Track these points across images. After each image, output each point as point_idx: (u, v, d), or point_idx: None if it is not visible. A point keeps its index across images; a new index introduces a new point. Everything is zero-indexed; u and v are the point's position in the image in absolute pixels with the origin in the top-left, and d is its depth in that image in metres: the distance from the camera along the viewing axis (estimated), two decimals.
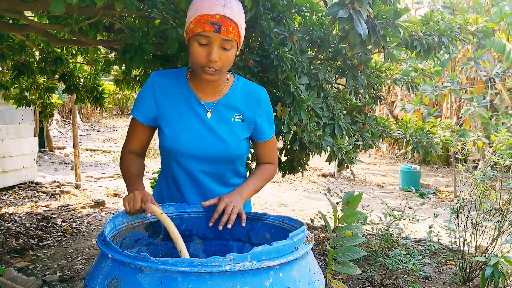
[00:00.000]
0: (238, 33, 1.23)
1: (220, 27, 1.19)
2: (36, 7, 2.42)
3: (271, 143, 1.51)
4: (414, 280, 3.29)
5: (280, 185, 8.15)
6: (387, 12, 2.07)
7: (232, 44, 1.24)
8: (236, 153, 1.39)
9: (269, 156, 1.52)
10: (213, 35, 1.20)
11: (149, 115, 1.38)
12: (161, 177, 1.50)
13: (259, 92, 1.42)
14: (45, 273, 3.31)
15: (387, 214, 3.35)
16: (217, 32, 1.19)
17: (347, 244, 1.50)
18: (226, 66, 1.28)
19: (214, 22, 1.18)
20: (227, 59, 1.26)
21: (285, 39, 2.46)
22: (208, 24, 1.18)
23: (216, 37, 1.21)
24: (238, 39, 1.25)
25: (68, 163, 9.73)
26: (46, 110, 5.82)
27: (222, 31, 1.19)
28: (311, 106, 2.46)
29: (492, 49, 8.57)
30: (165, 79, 1.39)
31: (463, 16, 3.25)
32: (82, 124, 17.44)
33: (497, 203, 3.32)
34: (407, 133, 3.33)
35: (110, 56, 3.91)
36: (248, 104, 1.40)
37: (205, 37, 1.21)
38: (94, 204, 5.69)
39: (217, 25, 1.19)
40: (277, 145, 1.53)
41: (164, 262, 0.88)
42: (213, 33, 1.19)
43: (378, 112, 11.18)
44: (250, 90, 1.42)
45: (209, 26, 1.19)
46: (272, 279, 0.92)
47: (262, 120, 1.43)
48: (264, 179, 1.48)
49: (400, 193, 7.71)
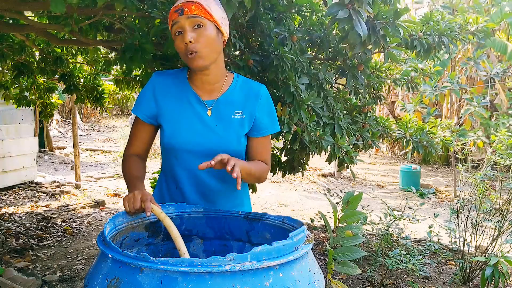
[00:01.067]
0: (203, 10, 1.27)
1: (182, 9, 1.26)
2: (36, 7, 2.42)
3: (267, 142, 1.49)
4: (414, 280, 3.29)
5: (280, 185, 8.15)
6: (387, 12, 2.07)
7: (201, 21, 1.27)
8: (236, 149, 1.40)
9: (263, 155, 1.47)
10: (179, 19, 1.27)
11: (149, 113, 1.40)
12: (161, 176, 1.51)
13: (257, 87, 1.44)
14: (45, 273, 3.31)
15: (387, 214, 3.35)
16: (181, 14, 1.26)
17: (347, 244, 1.50)
18: (206, 47, 1.28)
19: (177, 9, 1.27)
20: (203, 38, 1.28)
21: (285, 39, 2.46)
22: (173, 13, 1.28)
23: (182, 20, 1.27)
24: (207, 17, 1.28)
25: (68, 163, 9.73)
26: (46, 110, 5.81)
27: (185, 11, 1.26)
28: (311, 105, 2.46)
29: (493, 49, 8.57)
30: (166, 78, 1.42)
31: (463, 16, 3.25)
32: (82, 124, 17.45)
33: (497, 203, 3.32)
34: (407, 133, 3.33)
35: (110, 56, 3.91)
36: (248, 100, 1.41)
37: (175, 24, 1.28)
38: (94, 204, 5.69)
39: (180, 10, 1.27)
40: (277, 145, 1.52)
41: (164, 262, 0.88)
42: (178, 16, 1.27)
43: (378, 112, 11.17)
44: (249, 87, 1.44)
45: (174, 14, 1.28)
46: (272, 279, 0.92)
47: (261, 115, 1.42)
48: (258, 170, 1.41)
49: (400, 193, 7.71)
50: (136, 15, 2.54)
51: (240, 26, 2.40)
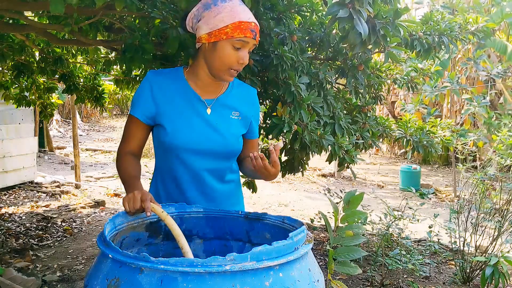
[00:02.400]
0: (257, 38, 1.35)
1: (256, 34, 1.32)
2: (36, 7, 2.42)
3: (257, 142, 1.59)
4: (414, 280, 3.28)
5: (280, 185, 8.15)
6: (387, 12, 2.07)
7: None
8: (236, 148, 1.44)
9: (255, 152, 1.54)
10: (251, 41, 1.32)
11: (149, 113, 1.39)
12: (156, 176, 1.49)
13: (252, 91, 1.53)
14: (45, 273, 3.31)
15: (387, 214, 3.35)
16: (254, 38, 1.32)
17: (347, 244, 1.50)
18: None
19: (252, 29, 1.31)
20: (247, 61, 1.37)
21: (285, 39, 2.46)
22: (249, 31, 1.30)
23: (252, 43, 1.33)
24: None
25: (68, 163, 9.73)
26: (46, 110, 5.81)
27: (257, 37, 1.33)
28: (312, 105, 2.46)
29: (493, 49, 8.57)
30: (162, 77, 1.41)
31: (463, 16, 3.25)
32: (82, 124, 17.44)
33: (497, 203, 3.32)
34: (407, 132, 3.33)
35: (110, 56, 3.91)
36: (244, 103, 1.48)
37: (243, 42, 1.30)
38: (94, 204, 5.68)
39: (254, 32, 1.31)
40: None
41: (164, 262, 0.88)
42: (252, 39, 1.31)
43: (378, 112, 11.17)
44: (244, 90, 1.51)
45: (250, 32, 1.30)
46: (272, 279, 0.92)
47: (255, 118, 1.52)
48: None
49: (400, 193, 7.71)
50: (136, 15, 2.54)
51: None
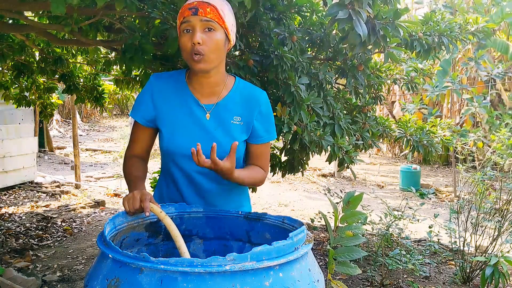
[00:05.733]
0: (218, 15, 1.26)
1: (197, 9, 1.24)
2: (36, 7, 2.42)
3: (266, 148, 1.47)
4: (414, 280, 3.29)
5: (280, 185, 8.15)
6: (387, 13, 2.07)
7: (213, 25, 1.26)
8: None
9: (260, 160, 1.46)
10: (192, 18, 1.25)
11: (148, 117, 1.39)
12: (161, 177, 1.51)
13: (258, 94, 1.41)
14: (45, 273, 3.31)
15: (387, 214, 3.35)
16: (194, 14, 1.24)
17: (347, 244, 1.50)
18: (212, 52, 1.27)
19: (191, 7, 1.25)
20: (212, 42, 1.26)
21: (285, 39, 2.46)
22: (187, 10, 1.26)
23: (195, 20, 1.25)
24: (220, 22, 1.27)
25: (68, 163, 9.73)
26: (46, 110, 5.81)
27: (200, 12, 1.24)
28: (311, 105, 2.46)
29: (493, 49, 8.57)
30: (164, 81, 1.40)
31: (463, 16, 3.25)
32: (82, 124, 17.45)
33: (497, 203, 3.32)
34: (407, 132, 3.33)
35: (110, 56, 3.91)
36: (247, 107, 1.39)
37: (186, 22, 1.26)
38: (94, 204, 5.69)
39: (194, 9, 1.25)
40: (277, 145, 1.52)
41: (164, 262, 0.88)
42: (192, 16, 1.25)
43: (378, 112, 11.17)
44: (250, 93, 1.41)
45: (188, 11, 1.25)
46: (272, 279, 0.92)
47: (260, 123, 1.41)
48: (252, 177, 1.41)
49: (400, 193, 7.70)
50: (136, 15, 2.54)
51: (240, 26, 2.40)
